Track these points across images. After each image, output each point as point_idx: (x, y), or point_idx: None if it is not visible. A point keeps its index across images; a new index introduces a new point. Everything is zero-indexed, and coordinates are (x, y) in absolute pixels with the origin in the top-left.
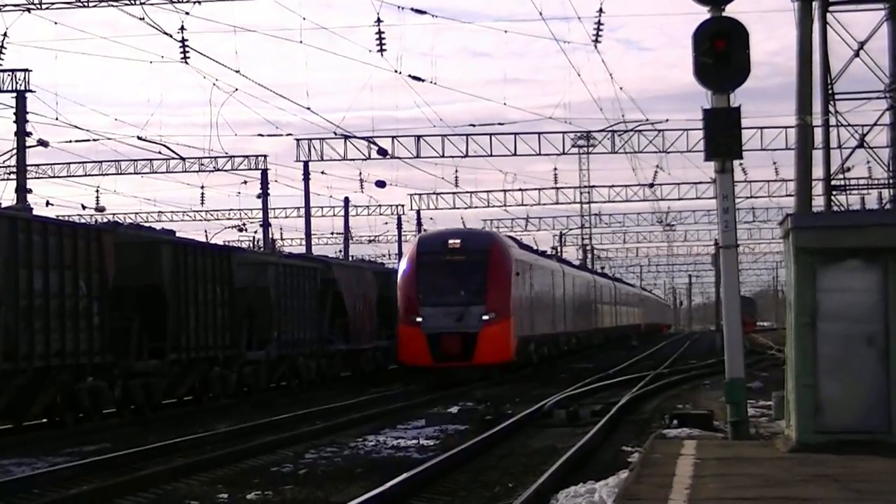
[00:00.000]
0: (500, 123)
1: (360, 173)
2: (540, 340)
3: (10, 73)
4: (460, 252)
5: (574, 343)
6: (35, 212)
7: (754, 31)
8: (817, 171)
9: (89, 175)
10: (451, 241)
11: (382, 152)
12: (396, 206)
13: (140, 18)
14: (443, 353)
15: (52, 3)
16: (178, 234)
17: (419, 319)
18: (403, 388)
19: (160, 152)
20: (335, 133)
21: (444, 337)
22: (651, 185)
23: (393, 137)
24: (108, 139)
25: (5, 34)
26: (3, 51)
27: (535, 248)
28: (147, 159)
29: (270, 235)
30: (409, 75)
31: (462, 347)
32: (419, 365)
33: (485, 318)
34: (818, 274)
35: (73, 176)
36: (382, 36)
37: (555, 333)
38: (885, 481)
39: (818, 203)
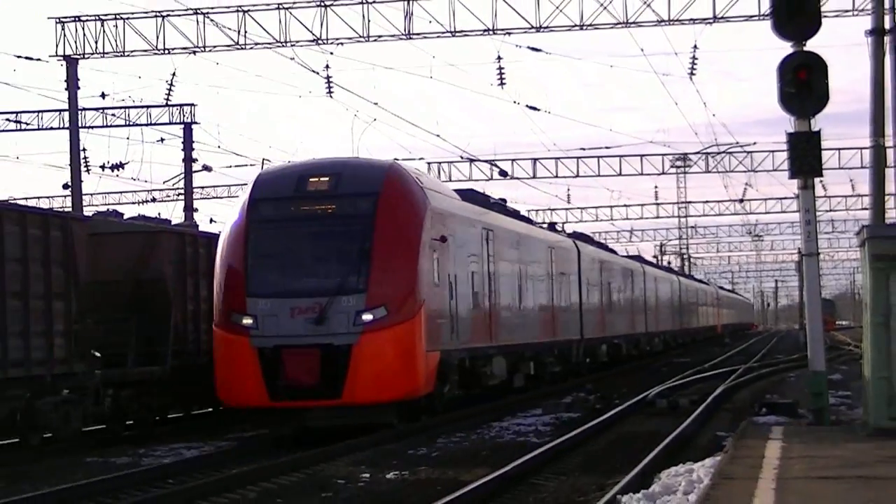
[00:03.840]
0: (606, 147)
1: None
2: (510, 351)
3: (179, 108)
4: (328, 198)
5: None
6: (200, 228)
7: (834, 62)
8: (890, 187)
9: None
10: (312, 180)
11: (503, 173)
12: None
13: (290, 58)
14: (287, 382)
15: (214, 46)
16: None
17: (247, 321)
18: None
19: None
20: (461, 157)
21: (289, 354)
22: (741, 201)
23: (512, 160)
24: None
25: (174, 74)
26: (173, 88)
27: (506, 205)
28: None
29: None
30: (527, 105)
31: (321, 373)
32: (248, 405)
33: (366, 317)
34: (891, 278)
35: (234, 196)
36: (502, 71)
37: (537, 342)
38: None
39: (891, 216)
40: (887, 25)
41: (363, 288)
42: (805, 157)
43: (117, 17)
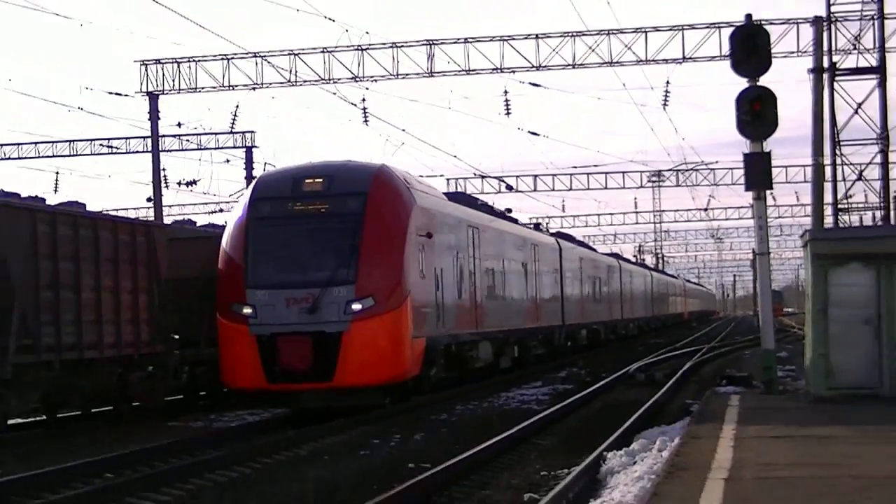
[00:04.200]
0: (594, 166)
1: (493, 203)
2: (496, 337)
3: (241, 134)
4: (321, 197)
5: (586, 335)
6: None
7: (783, 94)
8: (827, 198)
9: None
10: (307, 181)
11: (509, 187)
12: None
13: (333, 93)
14: (282, 367)
15: (270, 83)
16: None
17: (246, 311)
18: None
19: None
20: (474, 174)
21: (284, 341)
22: (706, 209)
23: (516, 177)
24: None
25: (237, 106)
26: (236, 118)
27: (490, 205)
28: None
29: None
30: (529, 131)
31: (314, 358)
32: (249, 388)
33: (355, 306)
34: (829, 273)
35: None
36: (508, 103)
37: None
38: (878, 421)
39: (828, 222)
40: (825, 65)
41: (353, 280)
42: (758, 173)
43: (191, 59)
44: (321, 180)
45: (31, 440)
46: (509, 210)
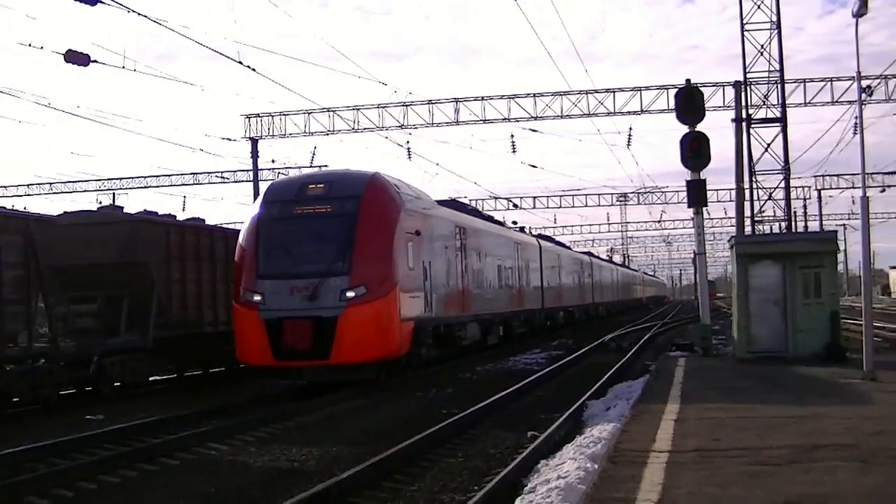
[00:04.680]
0: (577, 190)
1: (503, 218)
2: (476, 320)
3: (318, 168)
4: (322, 200)
5: (545, 319)
6: None
7: (714, 136)
8: (746, 212)
9: None
10: (311, 187)
11: (514, 206)
12: None
13: (385, 137)
14: (286, 347)
15: (339, 130)
16: None
17: (256, 298)
18: None
19: None
20: (489, 196)
21: (288, 324)
22: (659, 221)
23: (520, 197)
24: None
25: (315, 147)
26: (315, 156)
27: (478, 210)
28: None
29: None
30: (529, 164)
31: (313, 339)
32: (259, 365)
33: (349, 294)
34: (748, 268)
35: None
36: (514, 143)
37: (512, 311)
38: (784, 376)
39: (748, 230)
40: (743, 116)
41: (347, 271)
42: (697, 195)
43: (281, 113)
44: (322, 186)
45: (167, 392)
46: (515, 222)
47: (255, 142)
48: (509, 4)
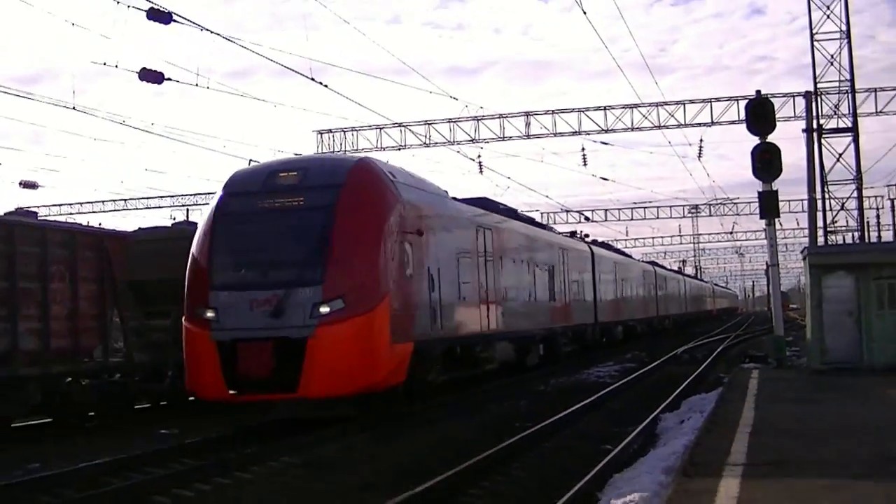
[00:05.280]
0: (649, 202)
1: (575, 231)
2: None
3: None
4: (294, 191)
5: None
6: None
7: (785, 147)
8: (819, 223)
9: None
10: (281, 175)
11: (586, 219)
12: None
13: (457, 151)
14: (243, 376)
15: (411, 145)
16: None
17: (209, 315)
18: None
19: None
20: (561, 209)
21: (245, 347)
22: (731, 233)
23: (592, 210)
24: None
25: (387, 162)
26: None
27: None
28: None
29: None
30: (601, 177)
31: (276, 367)
32: (211, 398)
33: (322, 309)
34: (822, 279)
35: None
36: (585, 156)
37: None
38: (859, 388)
39: (821, 241)
40: (814, 126)
41: (320, 280)
42: (769, 206)
43: (353, 129)
44: (296, 173)
45: (242, 405)
46: (586, 235)
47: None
48: (579, 18)
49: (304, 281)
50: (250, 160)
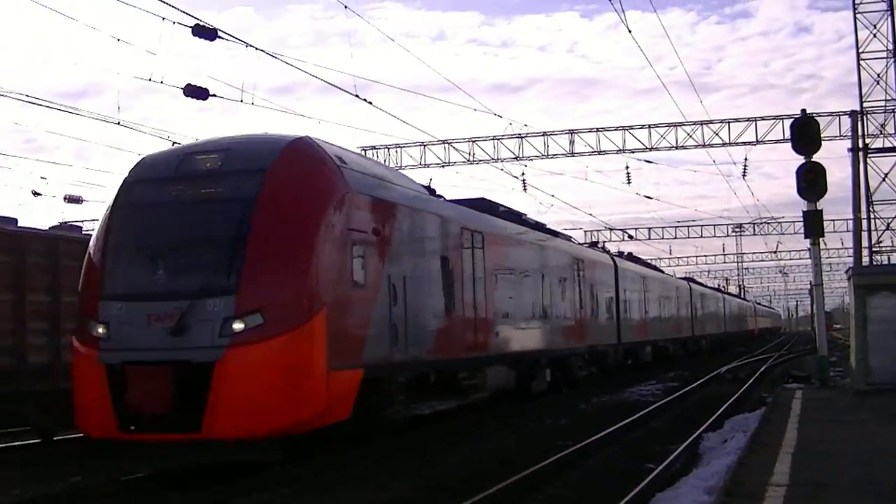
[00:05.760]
0: (693, 220)
1: (619, 249)
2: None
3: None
4: (211, 178)
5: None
6: None
7: (831, 166)
8: (864, 243)
9: None
10: (199, 157)
11: (630, 237)
12: None
13: (500, 168)
14: (133, 410)
15: (455, 162)
16: None
17: (99, 331)
18: None
19: None
20: (604, 227)
21: (136, 374)
22: (775, 252)
23: (635, 228)
24: None
25: (430, 179)
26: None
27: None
28: None
29: None
30: (645, 195)
31: (175, 399)
32: (97, 436)
33: (235, 326)
34: (866, 298)
35: None
36: (629, 174)
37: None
38: None
39: (866, 261)
40: (860, 145)
41: (234, 289)
42: (813, 225)
43: (397, 146)
44: (215, 156)
45: None
46: (631, 253)
47: None
48: (624, 36)
49: (213, 290)
50: None
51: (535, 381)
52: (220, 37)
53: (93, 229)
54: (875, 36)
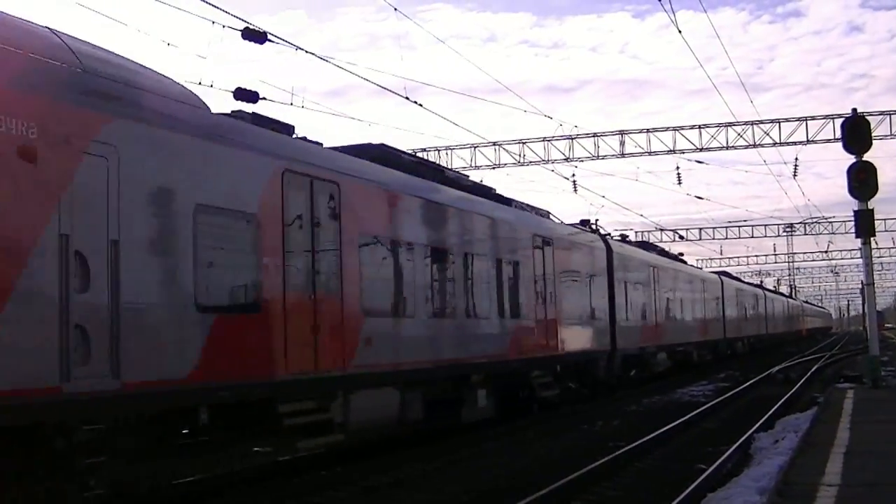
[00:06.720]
0: (744, 221)
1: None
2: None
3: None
4: None
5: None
6: None
7: (882, 165)
8: None
9: None
10: None
11: (681, 237)
12: None
13: (551, 170)
14: None
15: (505, 164)
16: None
17: None
18: None
19: None
20: (655, 227)
21: None
22: (826, 252)
23: (686, 229)
24: None
25: (481, 180)
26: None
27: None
28: None
29: None
30: (695, 196)
31: None
32: None
33: None
34: None
35: None
36: (680, 175)
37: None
38: None
39: None
40: None
41: None
42: (865, 225)
43: (447, 148)
44: None
45: None
46: (681, 254)
47: None
48: (675, 36)
49: None
50: None
51: (465, 406)
52: (269, 40)
53: None
54: None
